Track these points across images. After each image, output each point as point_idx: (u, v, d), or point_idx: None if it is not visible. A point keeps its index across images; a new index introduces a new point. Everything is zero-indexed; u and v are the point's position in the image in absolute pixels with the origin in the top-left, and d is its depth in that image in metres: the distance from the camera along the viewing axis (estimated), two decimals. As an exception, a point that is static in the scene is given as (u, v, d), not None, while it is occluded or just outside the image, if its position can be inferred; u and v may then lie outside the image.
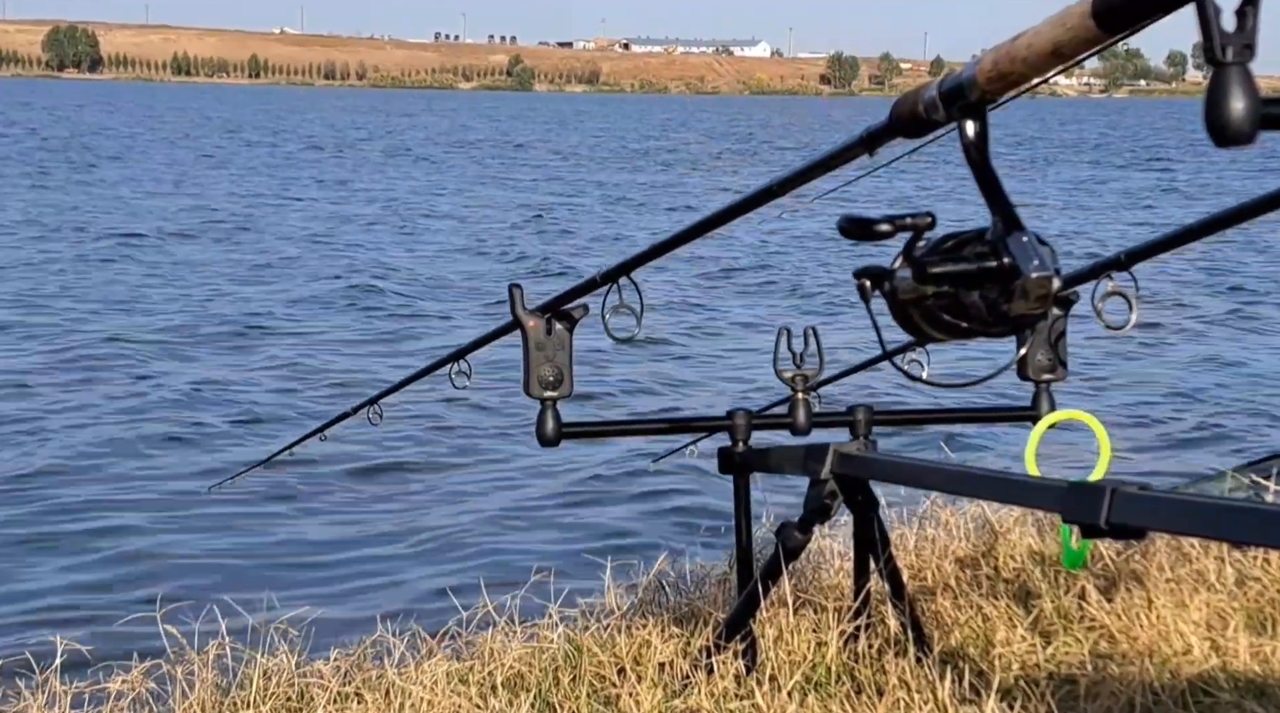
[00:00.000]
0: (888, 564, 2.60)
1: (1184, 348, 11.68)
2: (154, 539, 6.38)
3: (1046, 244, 1.31)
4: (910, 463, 2.53)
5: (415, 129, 62.46)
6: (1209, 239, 2.51)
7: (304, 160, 37.44)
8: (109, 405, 9.02)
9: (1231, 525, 1.56)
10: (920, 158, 2.25)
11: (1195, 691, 2.50)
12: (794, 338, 2.54)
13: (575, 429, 2.63)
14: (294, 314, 12.73)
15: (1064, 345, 2.68)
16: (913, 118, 1.43)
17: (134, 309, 12.81)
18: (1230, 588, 3.07)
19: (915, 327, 1.43)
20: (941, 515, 3.59)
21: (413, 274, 15.57)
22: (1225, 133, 1.02)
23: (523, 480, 7.50)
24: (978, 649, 2.78)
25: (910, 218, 1.40)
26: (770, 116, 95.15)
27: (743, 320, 12.94)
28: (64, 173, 29.69)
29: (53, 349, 10.76)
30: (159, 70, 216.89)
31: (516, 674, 2.70)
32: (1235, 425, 8.99)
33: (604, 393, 9.44)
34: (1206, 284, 15.10)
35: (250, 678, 2.68)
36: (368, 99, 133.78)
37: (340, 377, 9.96)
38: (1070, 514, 1.73)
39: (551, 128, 67.25)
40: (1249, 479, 4.03)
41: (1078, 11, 1.15)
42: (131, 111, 75.60)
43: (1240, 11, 1.03)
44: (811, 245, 18.28)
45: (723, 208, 2.11)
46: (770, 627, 2.69)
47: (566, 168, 36.52)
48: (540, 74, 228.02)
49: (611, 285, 2.35)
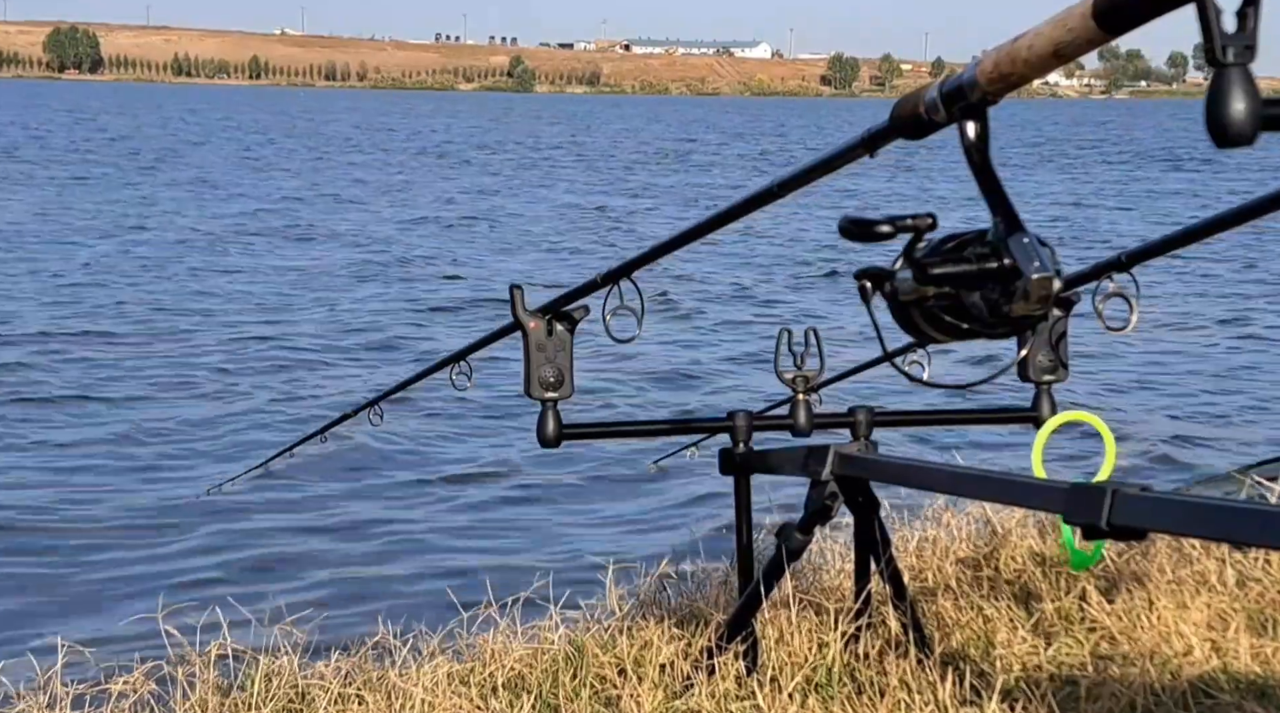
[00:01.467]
0: (889, 565, 2.60)
1: (1185, 348, 11.67)
2: (156, 540, 6.39)
3: (1047, 245, 1.31)
4: (911, 464, 2.53)
5: (484, 132, 61.91)
6: (1210, 240, 2.51)
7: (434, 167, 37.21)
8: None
9: (1233, 527, 1.56)
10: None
11: (1196, 692, 2.50)
12: (794, 339, 2.54)
13: (576, 430, 2.63)
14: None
15: (1065, 346, 2.68)
16: (914, 119, 1.43)
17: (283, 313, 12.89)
18: (1231, 589, 3.07)
19: (916, 328, 1.43)
20: (943, 517, 3.59)
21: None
22: (1226, 134, 1.02)
23: (524, 482, 7.50)
24: (979, 651, 2.77)
25: (911, 219, 1.40)
26: (789, 117, 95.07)
27: (744, 321, 12.95)
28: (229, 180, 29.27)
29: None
30: (160, 71, 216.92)
31: (517, 676, 2.70)
32: (1237, 426, 8.99)
33: (604, 392, 9.44)
34: (1208, 284, 15.09)
35: (251, 679, 2.68)
36: (387, 101, 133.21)
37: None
38: (1072, 515, 1.73)
39: (579, 130, 67.05)
40: (1251, 480, 4.03)
41: (1078, 12, 1.15)
42: (201, 115, 75.37)
43: (1241, 13, 1.03)
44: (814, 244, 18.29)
45: (723, 209, 2.11)
46: (771, 628, 2.69)
47: (620, 170, 36.45)
48: (541, 75, 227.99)
49: (612, 286, 2.35)
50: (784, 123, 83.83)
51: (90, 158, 35.48)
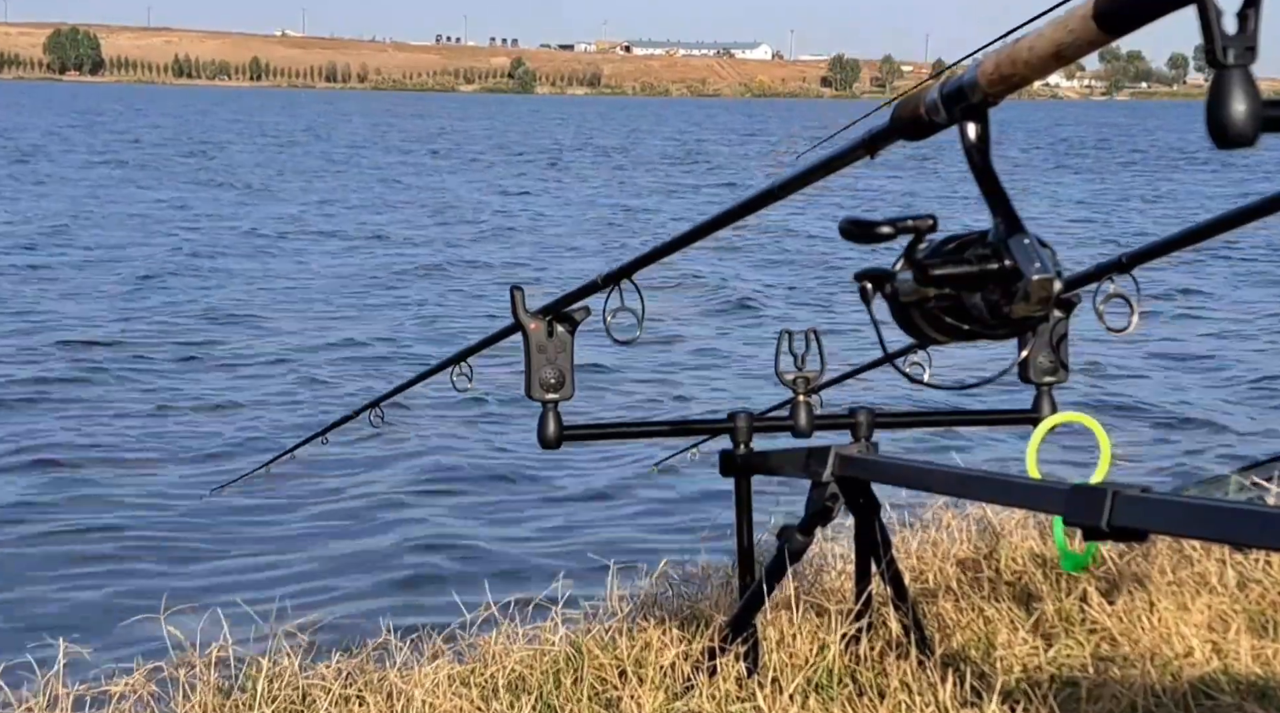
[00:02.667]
0: (889, 567, 2.60)
1: (1186, 348, 11.67)
2: (157, 540, 6.39)
3: (1048, 246, 1.31)
4: (912, 465, 2.53)
5: (532, 133, 61.31)
6: (1210, 239, 2.51)
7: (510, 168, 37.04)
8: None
9: (1233, 528, 1.56)
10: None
11: (1197, 693, 2.50)
12: (795, 340, 2.54)
13: (577, 431, 2.63)
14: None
15: (1065, 348, 2.68)
16: (914, 120, 1.43)
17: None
18: (1232, 590, 3.07)
19: (917, 329, 1.42)
20: (943, 518, 3.58)
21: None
22: (1227, 135, 1.02)
23: (524, 483, 7.50)
24: (979, 652, 2.77)
25: (912, 220, 1.40)
26: (834, 116, 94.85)
27: (745, 321, 12.94)
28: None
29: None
30: (160, 73, 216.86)
31: (518, 677, 2.70)
32: (1238, 427, 8.98)
33: (605, 389, 9.44)
34: (1210, 284, 15.09)
35: (252, 681, 2.68)
36: (401, 102, 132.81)
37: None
38: (1072, 517, 1.73)
39: (630, 132, 66.78)
40: (1251, 481, 4.03)
41: (1079, 14, 1.15)
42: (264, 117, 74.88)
43: (1242, 14, 1.03)
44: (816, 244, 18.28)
45: (724, 210, 2.11)
46: (772, 629, 2.69)
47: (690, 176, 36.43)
48: (542, 76, 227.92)
49: (613, 287, 2.35)
50: (826, 122, 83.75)
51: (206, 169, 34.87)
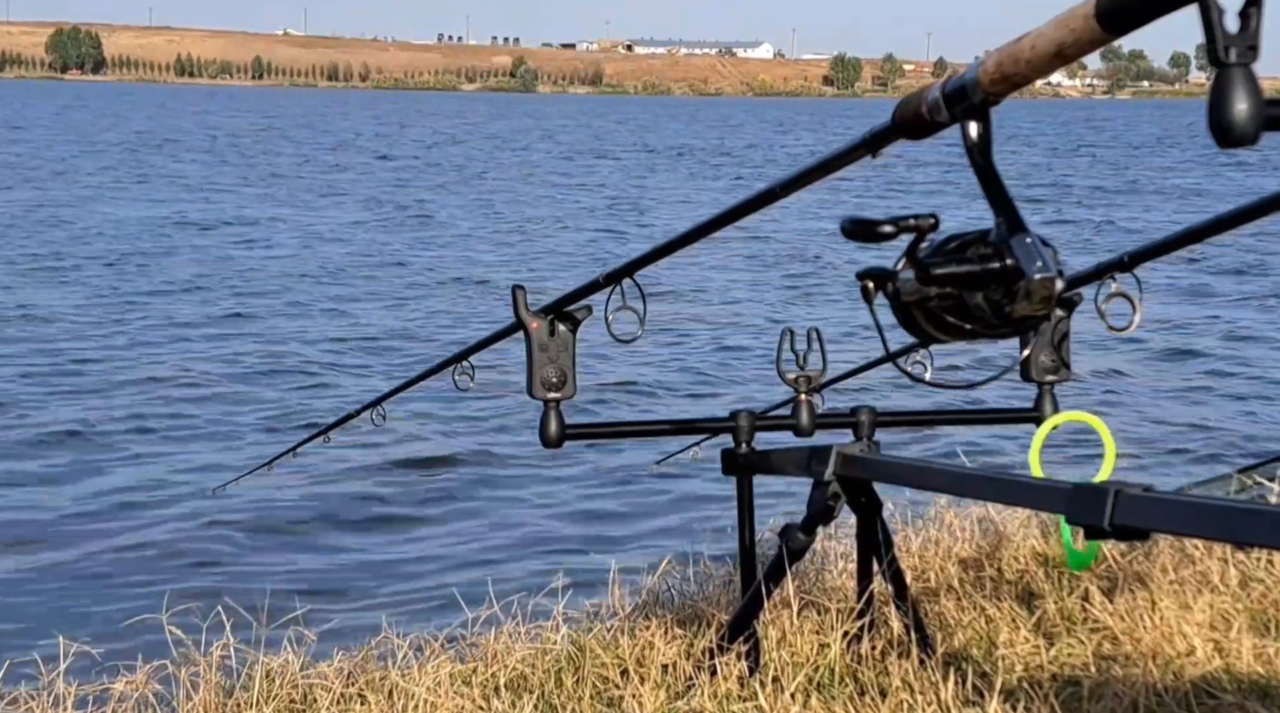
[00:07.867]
0: (891, 566, 2.60)
1: (1187, 348, 11.66)
2: (158, 540, 6.39)
3: (1050, 245, 1.31)
4: (913, 464, 2.53)
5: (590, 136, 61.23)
6: (1212, 240, 2.51)
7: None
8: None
9: (1235, 527, 1.56)
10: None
11: (1199, 692, 2.50)
12: (797, 339, 2.54)
13: (578, 430, 2.62)
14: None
15: (1067, 347, 2.68)
16: (916, 119, 1.43)
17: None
18: (1234, 589, 3.07)
19: (919, 328, 1.42)
20: (945, 517, 3.58)
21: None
22: (1229, 134, 1.02)
23: (526, 482, 7.50)
24: (981, 651, 2.77)
25: (914, 219, 1.39)
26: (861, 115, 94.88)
27: (746, 321, 12.94)
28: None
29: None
30: (162, 72, 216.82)
31: (520, 676, 2.70)
32: (1239, 427, 8.98)
33: (606, 389, 9.44)
34: (1211, 284, 15.08)
35: (254, 679, 2.68)
36: (418, 101, 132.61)
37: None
38: (1074, 516, 1.73)
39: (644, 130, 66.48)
40: (1253, 481, 4.03)
41: (1081, 13, 1.15)
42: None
43: (1243, 13, 1.03)
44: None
45: (725, 210, 2.11)
46: (774, 628, 2.69)
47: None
48: (544, 75, 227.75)
49: (614, 286, 2.35)
50: (850, 124, 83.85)
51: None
